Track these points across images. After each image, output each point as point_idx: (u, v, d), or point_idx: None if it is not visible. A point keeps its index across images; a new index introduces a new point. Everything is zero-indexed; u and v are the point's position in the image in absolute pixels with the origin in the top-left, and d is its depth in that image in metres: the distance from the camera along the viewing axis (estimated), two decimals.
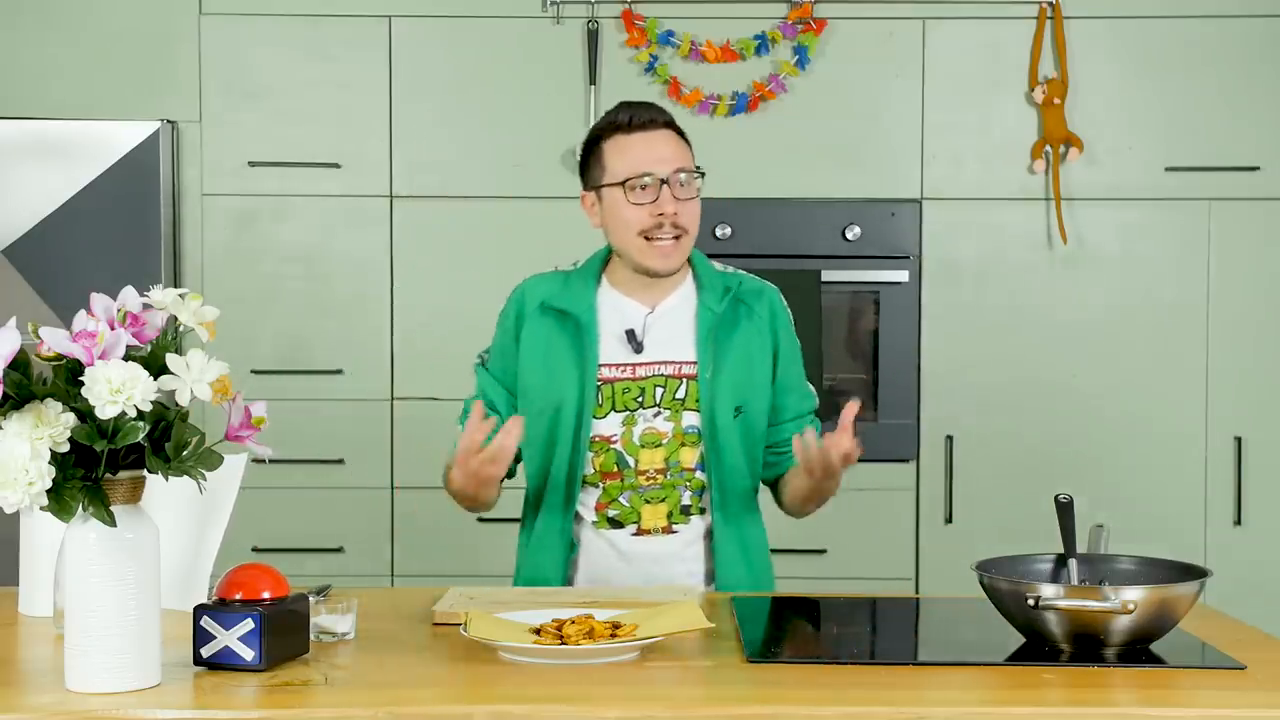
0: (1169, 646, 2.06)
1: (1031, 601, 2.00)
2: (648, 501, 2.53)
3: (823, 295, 3.98)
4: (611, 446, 2.52)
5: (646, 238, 2.48)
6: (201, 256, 4.05)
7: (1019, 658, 2.02)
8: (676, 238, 2.48)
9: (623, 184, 2.47)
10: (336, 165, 4.04)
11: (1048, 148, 4.03)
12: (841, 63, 4.06)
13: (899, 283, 4.03)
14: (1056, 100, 4.02)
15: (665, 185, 2.45)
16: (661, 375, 2.52)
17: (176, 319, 1.86)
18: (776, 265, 3.98)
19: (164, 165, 3.97)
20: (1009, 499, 4.02)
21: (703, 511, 2.55)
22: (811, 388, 2.69)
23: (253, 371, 3.97)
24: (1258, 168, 4.04)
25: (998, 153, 4.06)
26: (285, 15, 4.05)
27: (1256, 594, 3.89)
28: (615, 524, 2.54)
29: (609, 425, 2.52)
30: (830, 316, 4.01)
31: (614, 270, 2.58)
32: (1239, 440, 4.06)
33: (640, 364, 2.53)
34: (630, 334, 2.53)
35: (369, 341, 4.04)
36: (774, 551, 2.53)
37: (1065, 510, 2.23)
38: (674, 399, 2.52)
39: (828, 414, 4.01)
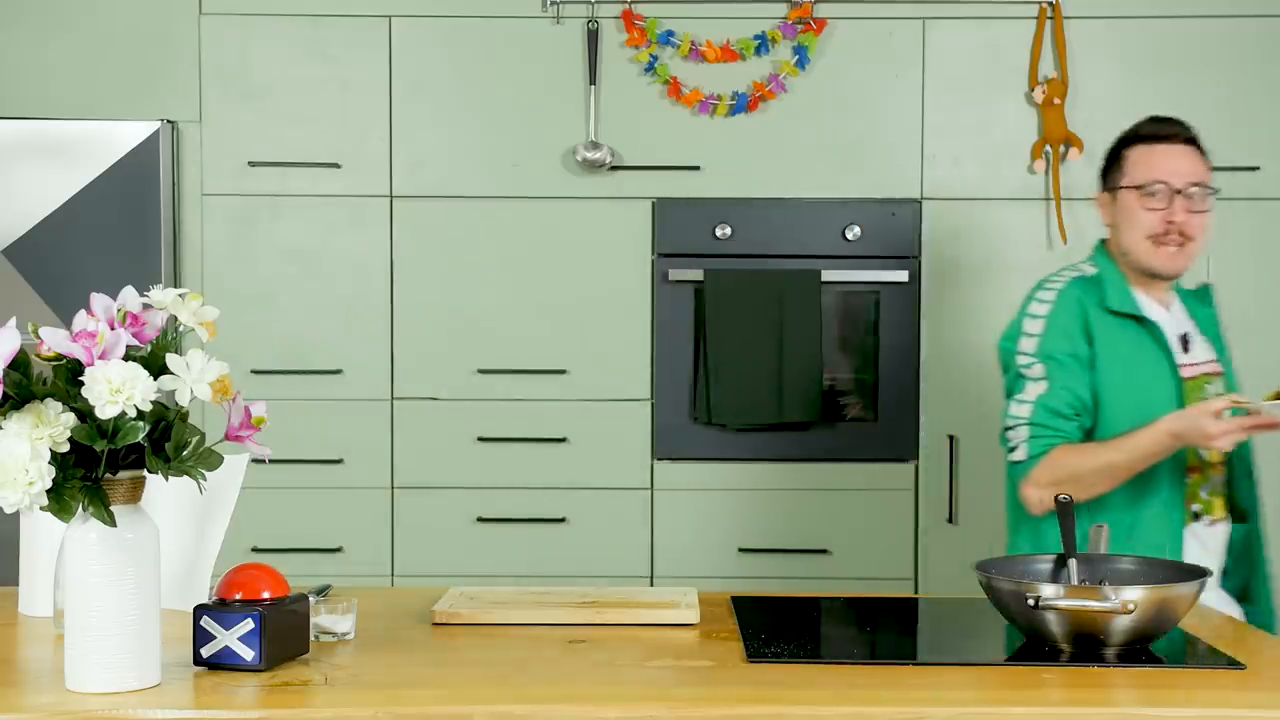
0: (1169, 646, 2.06)
1: (1031, 601, 2.00)
2: (1216, 494, 2.71)
3: (823, 295, 3.97)
4: None
5: (1154, 241, 2.69)
6: (201, 256, 4.04)
7: (1019, 658, 2.02)
8: (1181, 244, 2.70)
9: (1139, 188, 2.69)
10: (336, 165, 4.04)
11: (1048, 148, 4.03)
12: (841, 63, 4.06)
13: (899, 283, 4.03)
14: (1056, 100, 4.01)
15: (1178, 195, 2.68)
16: (1205, 374, 2.75)
17: (176, 319, 1.86)
18: (776, 265, 3.99)
19: (164, 165, 3.97)
20: None
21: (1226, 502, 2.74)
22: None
23: (253, 371, 3.97)
24: (1258, 168, 4.04)
25: (998, 153, 4.06)
26: (285, 15, 4.05)
27: None
28: (1196, 517, 2.69)
29: None
30: (830, 316, 4.00)
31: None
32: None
33: (1189, 364, 2.73)
34: (1184, 337, 2.75)
35: (369, 341, 4.03)
36: (773, 551, 2.50)
37: (1065, 510, 2.23)
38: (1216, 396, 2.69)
39: (827, 413, 4.04)
